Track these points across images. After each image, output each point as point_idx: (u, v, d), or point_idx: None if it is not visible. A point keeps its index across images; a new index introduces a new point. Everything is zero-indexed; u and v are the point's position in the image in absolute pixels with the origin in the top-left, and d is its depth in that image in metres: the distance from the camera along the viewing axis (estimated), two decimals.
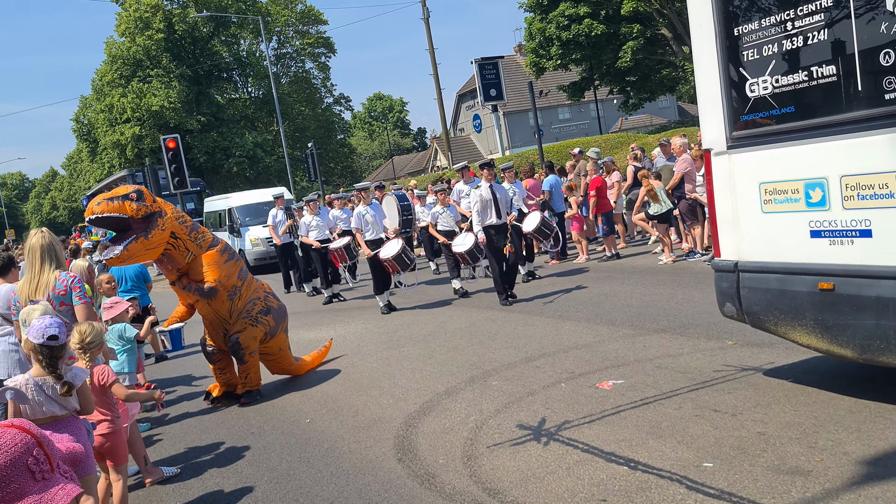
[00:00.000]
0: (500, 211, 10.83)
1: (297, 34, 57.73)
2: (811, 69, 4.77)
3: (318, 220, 14.07)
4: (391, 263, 11.23)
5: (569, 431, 5.30)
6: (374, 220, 11.83)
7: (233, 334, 7.60)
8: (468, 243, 11.44)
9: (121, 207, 6.83)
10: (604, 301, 9.91)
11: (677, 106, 60.89)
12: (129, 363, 6.45)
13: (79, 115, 56.43)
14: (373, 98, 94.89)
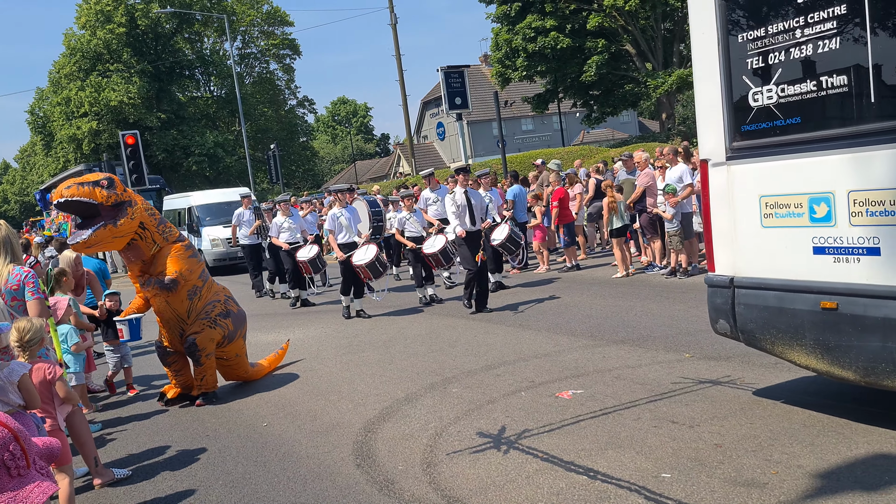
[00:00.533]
0: (475, 217, 10.64)
1: (262, 34, 57.25)
2: (821, 79, 4.57)
3: (290, 221, 13.71)
4: (363, 270, 11.04)
5: (529, 440, 5.30)
6: (348, 224, 11.59)
7: (190, 335, 7.42)
8: (438, 244, 11.39)
9: (91, 193, 6.72)
10: (564, 311, 9.97)
11: (638, 121, 61.76)
12: (76, 363, 6.30)
13: (34, 108, 55.19)
14: (337, 102, 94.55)
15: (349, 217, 11.69)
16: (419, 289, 12.25)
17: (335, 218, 11.59)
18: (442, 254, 11.36)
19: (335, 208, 11.76)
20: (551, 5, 27.48)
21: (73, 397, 5.00)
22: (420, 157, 56.75)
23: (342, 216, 11.59)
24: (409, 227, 12.61)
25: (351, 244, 11.52)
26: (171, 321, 7.50)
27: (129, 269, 7.50)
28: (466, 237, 10.48)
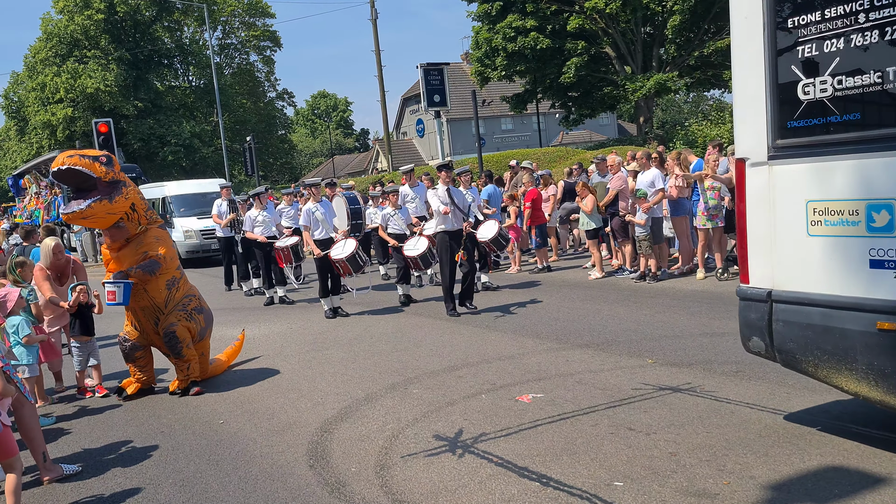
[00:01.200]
0: (457, 215, 10.39)
1: (243, 25, 56.78)
2: (887, 70, 4.02)
3: (266, 214, 13.19)
4: (343, 265, 10.71)
5: (485, 444, 5.26)
6: (324, 219, 11.18)
7: (167, 327, 7.38)
8: (421, 248, 11.09)
9: (91, 166, 6.89)
10: (531, 313, 9.95)
11: (617, 124, 62.05)
12: (28, 356, 6.16)
13: (8, 92, 54.32)
14: (317, 96, 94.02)
15: (325, 212, 11.29)
16: (400, 285, 11.97)
17: (310, 213, 11.19)
18: (422, 258, 11.08)
19: (310, 203, 11.39)
20: (532, 5, 27.47)
21: (9, 391, 4.87)
22: (399, 154, 56.61)
23: (317, 211, 11.19)
24: (393, 224, 12.29)
25: (327, 241, 11.15)
26: (147, 310, 7.44)
27: (110, 246, 7.43)
28: (449, 236, 10.27)
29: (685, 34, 27.84)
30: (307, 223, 11.18)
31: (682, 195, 11.54)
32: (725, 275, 11.01)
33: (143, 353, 7.61)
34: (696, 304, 9.59)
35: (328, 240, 11.14)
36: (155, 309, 7.44)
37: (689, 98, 68.53)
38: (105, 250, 7.59)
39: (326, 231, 11.18)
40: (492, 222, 11.51)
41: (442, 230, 10.35)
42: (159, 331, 7.45)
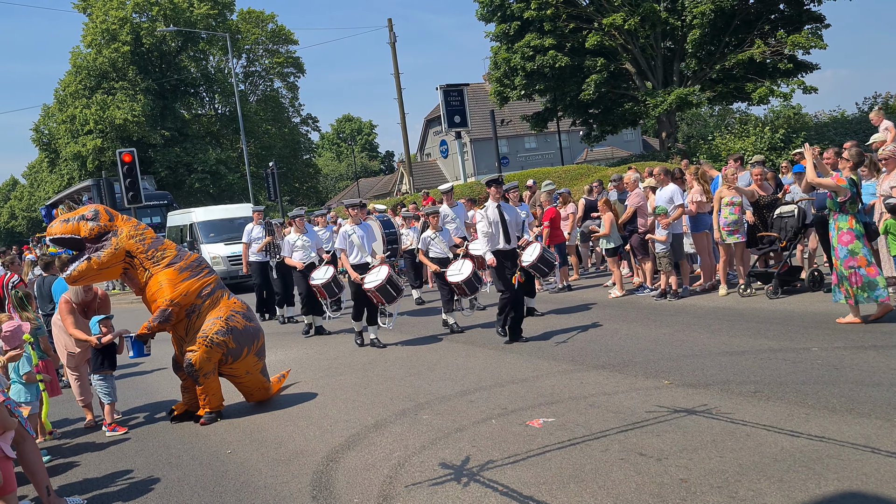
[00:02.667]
0: (510, 235, 9.50)
1: (266, 53, 57.59)
2: None
3: (305, 239, 12.08)
4: (374, 294, 10.01)
5: (491, 472, 5.12)
6: (360, 243, 10.44)
7: (187, 355, 7.36)
8: (466, 272, 10.34)
9: (75, 228, 7.16)
10: (548, 334, 9.79)
11: (642, 139, 61.65)
12: (28, 393, 6.15)
13: (40, 125, 55.49)
14: (342, 119, 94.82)
15: (362, 235, 10.51)
16: (446, 314, 11.02)
17: (346, 236, 10.46)
18: (467, 283, 10.30)
19: (347, 226, 10.65)
20: (550, 24, 27.43)
21: (11, 424, 4.84)
22: (423, 175, 56.74)
23: (354, 234, 10.44)
24: (435, 248, 11.17)
25: (363, 265, 10.42)
26: (176, 339, 7.63)
27: (135, 294, 7.77)
28: (502, 256, 9.48)
29: (706, 48, 27.62)
30: (343, 246, 10.47)
31: (702, 210, 11.34)
32: (748, 290, 10.78)
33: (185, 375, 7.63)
34: (717, 322, 9.38)
35: (364, 265, 10.44)
36: (179, 339, 7.55)
37: (714, 112, 68.00)
38: None
39: (362, 256, 10.47)
40: (534, 245, 10.89)
41: (495, 250, 9.47)
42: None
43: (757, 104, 27.72)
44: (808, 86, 26.85)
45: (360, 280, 10.10)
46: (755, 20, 26.92)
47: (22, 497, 5.79)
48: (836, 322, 8.36)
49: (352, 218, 10.61)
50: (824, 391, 6.04)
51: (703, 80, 28.68)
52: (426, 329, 11.41)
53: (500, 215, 9.47)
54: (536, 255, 10.61)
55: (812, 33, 26.32)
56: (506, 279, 9.44)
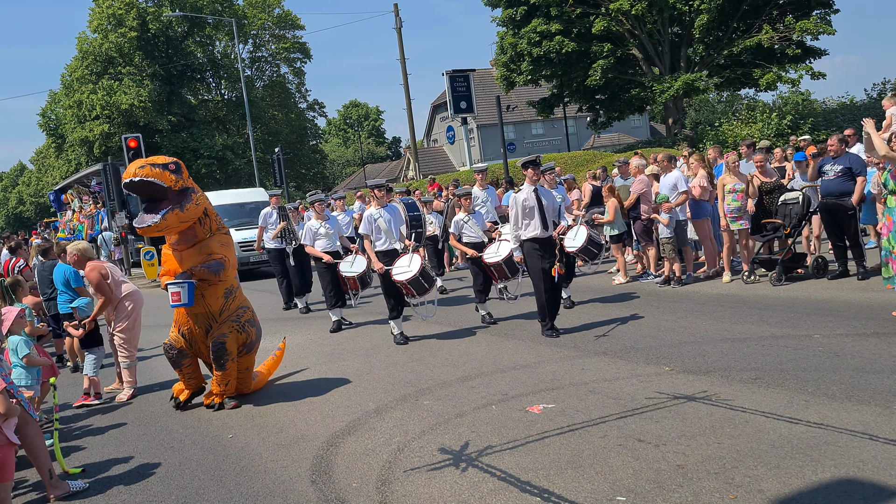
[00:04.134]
0: (547, 221, 8.76)
1: (273, 38, 57.35)
2: None
3: (328, 226, 11.18)
4: (405, 287, 9.26)
5: (489, 457, 5.14)
6: (388, 228, 9.62)
7: (218, 336, 7.17)
8: (504, 252, 9.71)
9: (161, 175, 6.73)
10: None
11: (649, 126, 61.37)
12: (29, 377, 6.19)
13: (46, 110, 55.57)
14: (349, 105, 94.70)
15: (389, 219, 9.68)
16: (480, 304, 10.25)
17: (372, 220, 9.62)
18: (507, 263, 9.67)
19: (372, 208, 9.80)
20: (557, 9, 27.25)
21: (14, 410, 4.88)
22: (430, 161, 56.69)
23: (381, 218, 9.63)
24: (468, 232, 10.40)
25: (391, 252, 9.61)
26: (201, 317, 7.28)
27: (173, 248, 7.29)
28: (539, 244, 8.79)
29: (713, 33, 27.40)
30: (368, 232, 9.65)
31: (703, 197, 11.30)
32: (752, 277, 10.76)
33: (191, 361, 7.48)
34: (719, 309, 9.37)
35: (392, 251, 9.63)
36: (209, 317, 7.27)
37: (722, 98, 67.61)
38: (166, 250, 7.42)
39: (390, 242, 9.65)
40: (581, 228, 10.37)
41: (530, 237, 8.82)
42: (209, 340, 7.28)
43: (765, 90, 27.53)
44: (817, 72, 26.66)
45: (389, 272, 9.34)
46: (763, 5, 26.68)
47: (24, 480, 5.85)
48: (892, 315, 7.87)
49: (377, 200, 9.80)
50: (824, 378, 6.03)
51: (710, 65, 28.49)
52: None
53: (538, 199, 8.72)
54: (584, 238, 10.12)
55: (821, 19, 26.09)
56: (540, 270, 8.72)
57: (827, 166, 10.07)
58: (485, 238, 10.34)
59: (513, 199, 8.91)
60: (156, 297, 18.72)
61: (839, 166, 9.90)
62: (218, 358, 7.16)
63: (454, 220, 10.64)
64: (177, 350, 7.35)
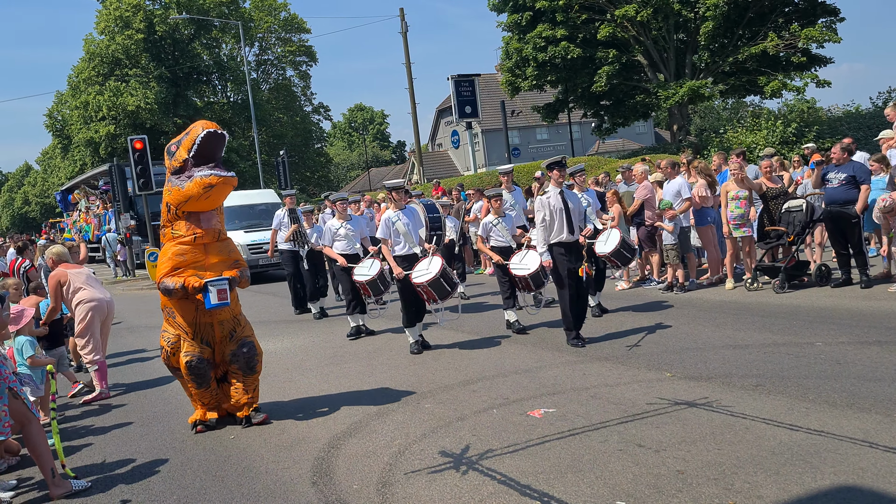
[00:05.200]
0: (573, 224, 8.47)
1: (279, 41, 57.57)
2: None
3: (349, 227, 10.76)
4: (426, 290, 8.79)
5: (490, 461, 5.16)
6: (406, 231, 9.16)
7: (245, 338, 6.75)
8: (532, 264, 9.25)
9: None
10: (552, 325, 9.79)
11: (654, 132, 61.37)
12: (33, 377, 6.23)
13: (53, 111, 55.78)
14: (354, 109, 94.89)
15: (408, 222, 9.23)
16: (507, 311, 9.83)
17: (390, 224, 9.19)
18: (534, 278, 9.25)
19: (389, 211, 9.36)
20: (562, 15, 27.30)
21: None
22: (435, 166, 56.73)
23: (399, 221, 9.19)
24: (496, 236, 9.92)
25: (410, 257, 9.13)
26: (225, 323, 6.71)
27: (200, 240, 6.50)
28: (564, 248, 8.45)
29: (719, 40, 27.41)
30: (386, 235, 9.21)
31: (705, 204, 11.31)
32: (755, 285, 10.76)
33: (214, 373, 6.83)
34: (722, 315, 9.38)
35: (411, 256, 9.13)
36: (234, 321, 6.78)
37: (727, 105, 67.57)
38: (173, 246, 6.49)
39: (409, 245, 9.17)
40: (614, 232, 9.99)
41: (556, 242, 8.48)
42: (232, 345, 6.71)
43: (769, 98, 27.53)
44: (822, 80, 26.66)
45: (409, 276, 8.87)
46: (769, 13, 26.70)
47: (28, 479, 5.88)
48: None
49: (394, 203, 9.32)
50: (826, 386, 6.04)
51: (715, 72, 28.50)
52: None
53: (564, 202, 8.39)
54: (617, 241, 9.70)
55: (826, 27, 26.08)
56: (563, 276, 8.42)
57: (831, 174, 10.08)
58: (513, 243, 9.89)
59: (538, 201, 8.60)
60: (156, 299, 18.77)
61: (843, 174, 9.91)
62: (249, 360, 6.68)
63: (482, 222, 10.21)
64: (206, 362, 6.63)
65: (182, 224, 6.48)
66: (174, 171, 6.38)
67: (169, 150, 6.50)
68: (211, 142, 6.17)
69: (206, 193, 6.21)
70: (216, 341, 6.69)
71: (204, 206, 6.39)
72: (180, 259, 6.46)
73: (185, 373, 6.59)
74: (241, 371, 6.69)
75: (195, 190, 6.19)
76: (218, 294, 6.36)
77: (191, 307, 6.53)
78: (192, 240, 6.47)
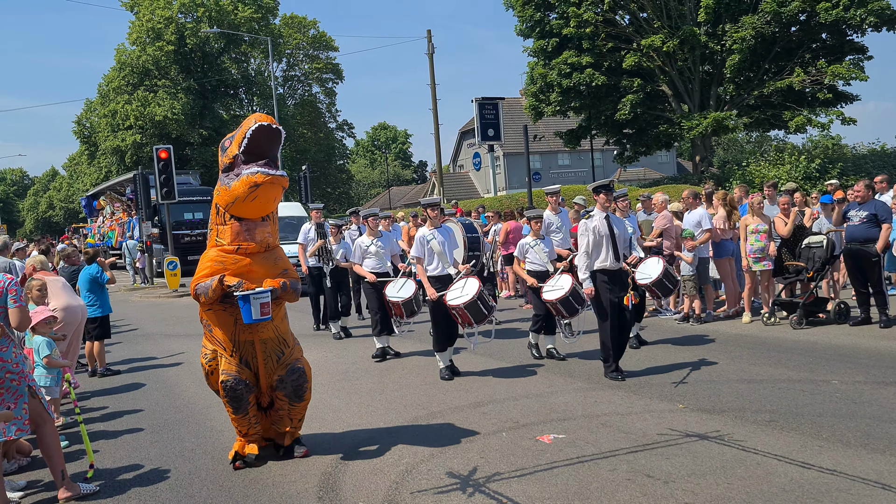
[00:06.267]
0: (618, 251, 8.11)
1: (307, 58, 58.28)
2: None
3: (379, 244, 10.46)
4: (462, 313, 8.37)
5: (497, 484, 5.13)
6: (441, 250, 8.75)
7: (294, 362, 6.04)
8: (565, 286, 8.87)
9: None
10: (566, 351, 9.74)
11: (676, 162, 61.25)
12: (50, 377, 6.29)
13: (82, 118, 56.63)
14: (377, 127, 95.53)
15: (443, 241, 8.83)
16: (538, 336, 9.51)
17: (425, 242, 8.79)
18: (564, 303, 8.81)
19: (424, 229, 8.95)
20: (588, 42, 27.43)
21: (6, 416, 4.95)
22: (455, 187, 56.83)
23: (434, 240, 8.78)
24: (533, 258, 9.48)
25: (444, 278, 8.71)
26: (271, 342, 5.95)
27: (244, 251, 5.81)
28: (608, 276, 8.12)
29: (745, 73, 27.42)
30: (420, 255, 8.82)
31: (725, 236, 11.27)
32: (772, 319, 10.68)
33: (260, 399, 6.13)
34: (737, 349, 9.31)
35: (445, 277, 8.73)
36: (280, 341, 6.04)
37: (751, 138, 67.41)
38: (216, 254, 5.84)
39: (443, 266, 8.76)
40: (655, 259, 9.52)
41: (600, 269, 8.13)
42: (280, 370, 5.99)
43: (794, 133, 27.44)
44: (847, 117, 26.54)
45: (443, 298, 8.46)
46: (796, 48, 26.69)
47: (38, 481, 5.92)
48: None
49: (430, 220, 8.91)
50: (840, 424, 5.97)
51: (740, 105, 28.46)
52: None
53: (609, 228, 8.06)
54: (660, 271, 9.24)
55: (854, 64, 26.01)
56: (605, 306, 8.09)
57: (852, 212, 10.03)
58: (550, 267, 9.42)
59: (583, 225, 8.25)
60: (173, 307, 18.93)
61: (864, 212, 9.85)
62: (298, 388, 6.00)
63: (520, 243, 9.71)
64: (244, 384, 5.86)
65: (228, 231, 5.79)
66: (224, 169, 5.80)
67: (222, 145, 5.93)
68: (263, 136, 5.54)
69: (252, 193, 5.52)
70: (258, 363, 5.93)
71: (252, 209, 5.70)
72: (219, 266, 5.78)
73: (221, 394, 5.94)
74: (287, 398, 6.00)
75: (241, 189, 5.54)
76: (259, 308, 5.60)
77: (228, 320, 5.82)
78: (235, 250, 5.81)
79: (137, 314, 17.63)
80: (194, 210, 29.32)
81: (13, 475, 6.03)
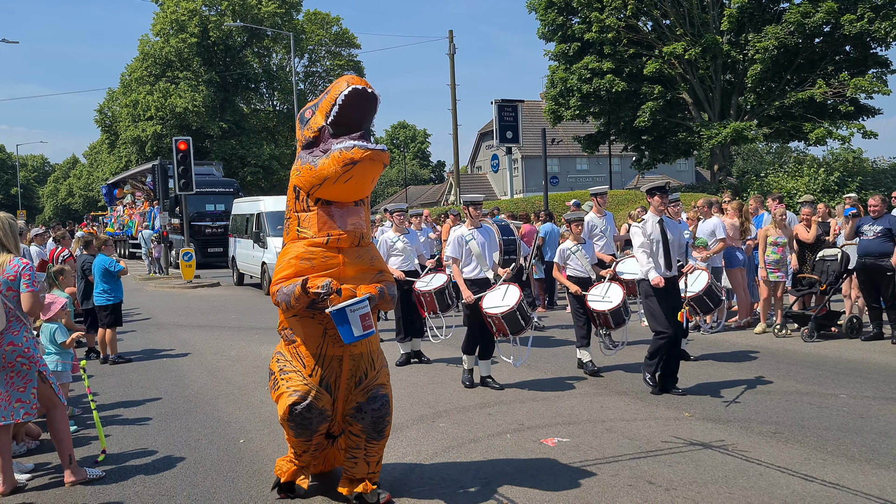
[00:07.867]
0: (671, 259, 7.57)
1: (328, 54, 58.46)
2: None
3: (405, 240, 9.83)
4: (498, 322, 7.80)
5: (499, 485, 5.15)
6: (480, 252, 8.16)
7: (377, 389, 4.91)
8: (615, 299, 8.34)
9: None
10: (575, 357, 9.73)
11: (695, 170, 60.97)
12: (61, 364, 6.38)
13: (103, 107, 57.11)
14: (396, 126, 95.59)
15: (483, 242, 8.20)
16: (580, 349, 8.86)
17: (463, 242, 8.19)
18: (614, 314, 8.31)
19: (463, 228, 8.34)
20: (610, 48, 27.33)
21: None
22: (472, 188, 56.82)
23: (473, 240, 8.17)
24: (574, 264, 8.89)
25: (482, 281, 8.14)
26: (359, 359, 4.88)
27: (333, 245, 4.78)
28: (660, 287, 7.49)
29: (766, 83, 27.22)
30: (457, 255, 8.20)
31: (737, 245, 11.24)
32: (784, 331, 10.63)
33: (332, 428, 5.00)
34: (747, 359, 9.28)
35: (483, 280, 8.15)
36: (368, 358, 4.94)
37: (771, 149, 66.94)
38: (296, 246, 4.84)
39: (481, 268, 8.17)
40: (700, 273, 8.90)
41: (658, 279, 7.48)
42: (358, 395, 4.86)
43: (814, 144, 27.21)
44: (869, 130, 26.30)
45: (479, 302, 7.89)
46: (819, 60, 26.47)
47: (46, 464, 6.01)
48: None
49: (470, 220, 8.28)
50: (845, 439, 5.95)
51: (760, 115, 28.27)
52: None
53: (663, 233, 7.52)
54: (704, 285, 8.69)
55: (877, 77, 25.77)
56: (661, 315, 7.52)
57: (866, 226, 9.97)
58: (592, 274, 8.84)
59: (635, 229, 7.73)
60: (187, 298, 19.07)
61: (879, 227, 9.79)
62: (378, 421, 4.83)
63: (559, 248, 9.11)
64: (319, 413, 4.75)
65: (313, 219, 4.78)
66: (306, 145, 4.83)
67: (302, 116, 4.94)
68: (357, 103, 4.56)
69: (347, 172, 4.52)
70: (341, 383, 4.83)
71: (344, 192, 4.71)
72: (306, 265, 4.74)
73: (283, 415, 4.76)
74: (363, 434, 4.82)
75: (332, 168, 4.53)
76: (361, 321, 4.58)
77: (317, 330, 4.79)
78: (326, 242, 4.77)
79: (151, 304, 17.78)
80: (216, 202, 29.39)
81: (21, 457, 6.12)
